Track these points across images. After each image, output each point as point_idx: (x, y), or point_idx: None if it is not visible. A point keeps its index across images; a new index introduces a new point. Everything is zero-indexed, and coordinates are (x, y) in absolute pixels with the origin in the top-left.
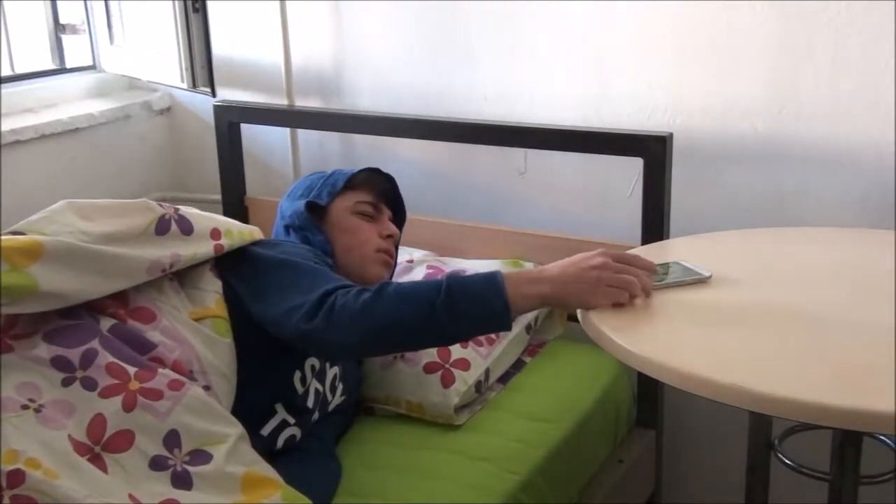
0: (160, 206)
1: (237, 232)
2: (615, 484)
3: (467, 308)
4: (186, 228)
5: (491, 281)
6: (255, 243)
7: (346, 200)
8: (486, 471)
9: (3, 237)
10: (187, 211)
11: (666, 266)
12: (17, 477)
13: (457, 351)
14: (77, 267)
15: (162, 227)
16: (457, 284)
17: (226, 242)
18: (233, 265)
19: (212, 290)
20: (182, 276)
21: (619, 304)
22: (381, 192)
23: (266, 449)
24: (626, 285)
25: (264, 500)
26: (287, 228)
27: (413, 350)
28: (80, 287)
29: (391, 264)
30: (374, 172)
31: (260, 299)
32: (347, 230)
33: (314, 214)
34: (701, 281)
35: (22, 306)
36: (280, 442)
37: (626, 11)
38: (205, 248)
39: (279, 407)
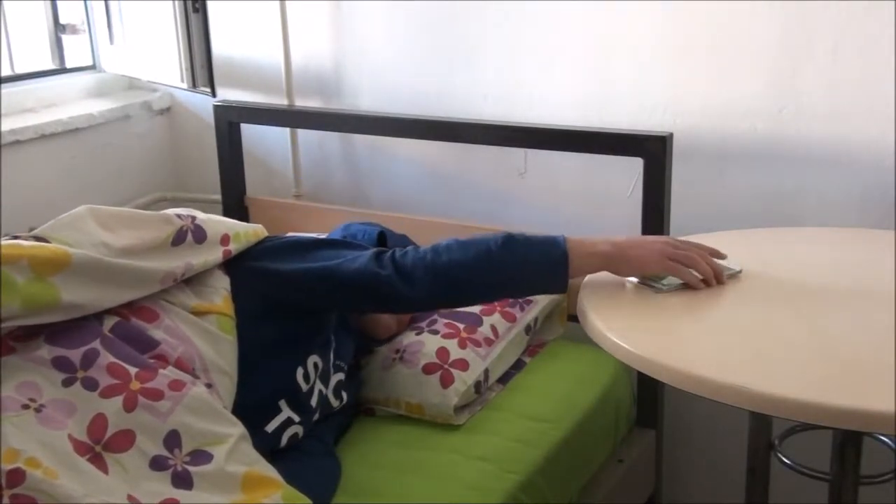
0: (178, 217)
1: (244, 233)
2: (615, 484)
3: (526, 253)
4: (200, 237)
5: (550, 236)
6: (268, 238)
7: None
8: (486, 471)
9: (27, 243)
10: (202, 219)
11: None
12: (16, 476)
13: (455, 351)
14: (97, 279)
15: (178, 238)
16: (516, 234)
17: (233, 247)
18: (251, 257)
19: (220, 288)
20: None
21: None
22: None
23: (270, 447)
24: (691, 262)
25: (265, 499)
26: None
27: (473, 300)
28: (97, 297)
29: (405, 323)
30: None
31: (303, 261)
32: None
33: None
34: (731, 276)
35: (40, 317)
36: (284, 440)
37: (626, 11)
38: (215, 255)
39: (283, 404)
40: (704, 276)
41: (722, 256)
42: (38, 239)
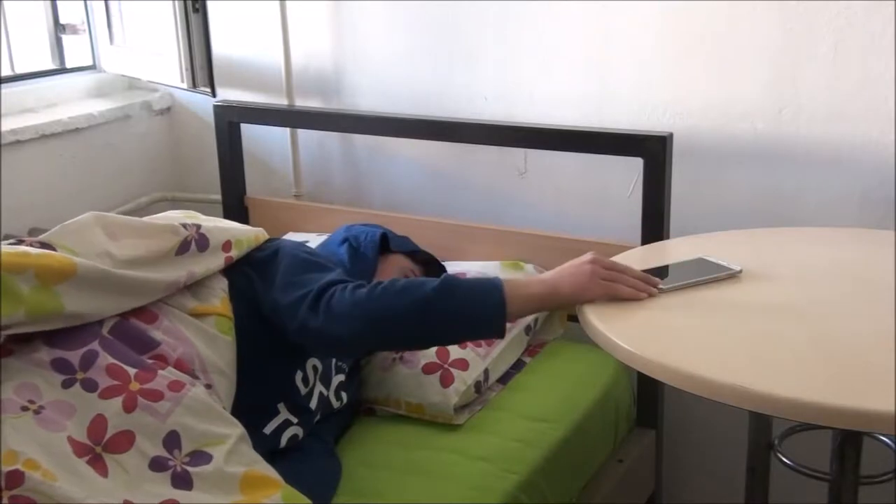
0: (184, 227)
1: (245, 239)
2: (615, 484)
3: (462, 303)
4: (203, 245)
5: (487, 281)
6: (268, 242)
7: (403, 262)
8: (486, 471)
9: (34, 251)
10: (207, 227)
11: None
12: (16, 477)
13: (455, 351)
14: (101, 289)
15: (182, 248)
16: (454, 281)
17: (235, 253)
18: (247, 262)
19: (218, 289)
20: None
21: (619, 299)
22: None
23: (269, 447)
24: (621, 277)
25: (264, 499)
26: (345, 240)
27: (408, 347)
28: (99, 306)
29: None
30: (435, 262)
31: (272, 290)
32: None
33: (378, 248)
34: (731, 276)
35: (42, 325)
36: (283, 440)
37: (626, 11)
38: (217, 262)
39: (281, 406)
40: (636, 287)
41: (653, 283)
42: (44, 245)
